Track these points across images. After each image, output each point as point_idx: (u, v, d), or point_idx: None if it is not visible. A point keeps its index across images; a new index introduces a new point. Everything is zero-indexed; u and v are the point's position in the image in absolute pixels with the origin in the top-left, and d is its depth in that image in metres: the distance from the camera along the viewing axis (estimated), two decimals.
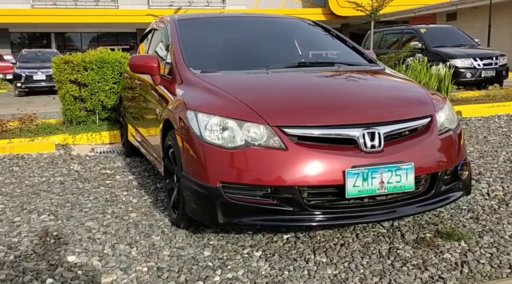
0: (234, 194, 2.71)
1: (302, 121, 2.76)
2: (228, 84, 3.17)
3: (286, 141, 2.68)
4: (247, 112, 2.78)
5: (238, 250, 2.88)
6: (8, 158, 5.63)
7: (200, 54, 3.77)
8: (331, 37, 4.33)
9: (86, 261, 2.76)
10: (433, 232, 3.09)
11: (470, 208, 3.48)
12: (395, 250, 2.84)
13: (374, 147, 2.74)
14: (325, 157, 2.67)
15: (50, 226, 3.34)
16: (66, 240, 3.08)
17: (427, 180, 2.93)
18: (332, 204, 2.74)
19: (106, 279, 2.55)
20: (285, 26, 4.48)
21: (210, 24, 4.35)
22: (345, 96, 3.11)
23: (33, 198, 4.02)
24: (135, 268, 2.67)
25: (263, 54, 3.91)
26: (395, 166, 2.71)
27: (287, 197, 2.67)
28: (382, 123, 2.82)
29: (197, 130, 2.81)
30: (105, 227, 3.30)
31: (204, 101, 3.00)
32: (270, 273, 2.59)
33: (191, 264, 2.71)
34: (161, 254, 2.85)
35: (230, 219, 2.74)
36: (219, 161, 2.73)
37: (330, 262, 2.71)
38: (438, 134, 2.99)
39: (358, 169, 2.65)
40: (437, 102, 3.16)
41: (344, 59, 4.01)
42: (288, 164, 2.66)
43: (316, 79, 3.45)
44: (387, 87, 3.40)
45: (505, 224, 3.17)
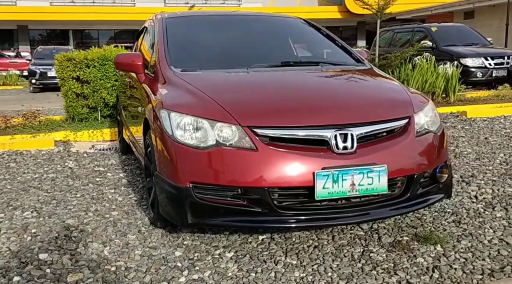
0: (204, 194, 2.69)
1: (273, 122, 2.73)
2: (204, 84, 3.14)
3: (256, 142, 2.65)
4: (219, 112, 2.76)
5: (210, 250, 2.86)
6: (7, 154, 5.70)
7: (185, 53, 3.75)
8: (320, 36, 4.28)
9: (57, 259, 2.77)
10: (411, 235, 3.03)
11: (455, 211, 3.40)
12: (368, 253, 2.79)
13: (346, 149, 2.69)
14: (295, 158, 2.63)
15: (30, 223, 3.36)
16: (42, 238, 3.09)
17: (403, 182, 2.88)
18: (303, 206, 2.70)
19: (72, 278, 2.55)
20: (274, 25, 4.44)
21: (199, 22, 4.33)
22: (320, 96, 3.07)
23: (21, 195, 4.06)
24: (104, 267, 2.67)
25: (248, 53, 3.87)
26: (367, 168, 2.66)
27: (256, 198, 2.64)
28: (355, 124, 2.77)
29: (169, 129, 2.80)
30: (84, 225, 3.30)
31: (178, 101, 2.99)
32: (236, 275, 2.57)
33: (160, 264, 2.70)
34: (132, 253, 2.84)
35: (199, 220, 2.72)
36: (189, 161, 2.71)
37: (300, 265, 2.67)
38: (416, 136, 2.93)
39: (328, 170, 2.60)
40: (418, 103, 3.10)
41: (330, 58, 3.95)
42: (257, 165, 2.63)
43: (295, 79, 3.40)
44: (366, 88, 3.35)
45: (487, 229, 3.09)
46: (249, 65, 3.51)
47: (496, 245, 2.86)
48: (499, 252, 2.77)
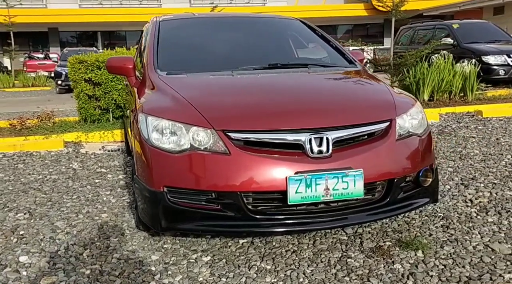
0: (178, 198, 2.68)
1: (247, 126, 2.70)
2: (185, 87, 3.14)
3: (229, 146, 2.62)
4: (195, 116, 2.75)
5: (188, 254, 2.85)
6: (18, 155, 5.83)
7: (174, 56, 3.76)
8: (315, 38, 4.22)
9: (35, 262, 2.81)
10: (394, 240, 2.95)
11: (446, 216, 3.31)
12: (345, 259, 2.74)
13: (321, 153, 2.64)
14: (268, 162, 2.59)
15: (20, 225, 3.42)
16: (28, 240, 3.14)
17: (384, 187, 2.81)
18: (278, 210, 2.66)
19: (46, 281, 2.58)
20: (269, 26, 4.40)
21: (194, 25, 4.32)
22: (298, 99, 3.01)
23: (20, 196, 4.14)
24: (79, 270, 2.69)
25: (238, 55, 3.85)
26: (341, 172, 2.61)
27: (229, 202, 2.62)
28: (331, 128, 2.71)
29: (145, 133, 2.80)
30: (71, 228, 3.34)
31: (156, 104, 2.99)
32: (207, 280, 2.55)
33: (134, 268, 2.70)
34: (110, 256, 2.86)
35: (172, 224, 2.72)
36: (164, 165, 2.71)
37: (274, 270, 2.64)
38: (398, 139, 2.85)
39: (301, 175, 2.56)
40: (402, 106, 3.02)
41: (321, 60, 3.89)
42: (229, 169, 2.60)
43: (277, 82, 3.36)
44: (349, 91, 3.28)
45: (475, 234, 2.99)
46: (236, 67, 3.49)
47: (480, 252, 2.76)
48: (481, 259, 2.68)
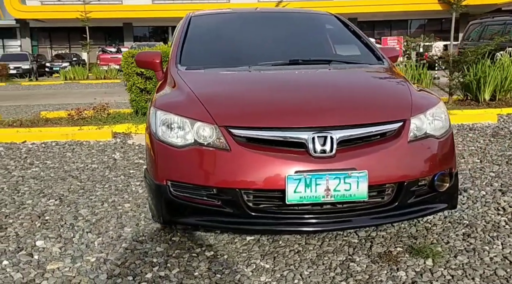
0: (180, 193, 2.70)
1: (249, 122, 2.66)
2: (197, 82, 3.14)
3: (230, 142, 2.60)
4: (201, 111, 2.75)
5: (192, 248, 2.87)
6: (69, 144, 6.12)
7: (197, 51, 3.77)
8: (346, 33, 4.09)
9: (49, 247, 2.94)
10: (406, 246, 2.82)
11: (471, 223, 3.11)
12: (348, 263, 2.64)
13: (325, 152, 2.56)
14: (268, 160, 2.55)
15: (48, 211, 3.59)
16: (49, 225, 3.29)
17: (393, 190, 2.68)
18: (277, 209, 2.61)
19: (51, 265, 2.69)
20: (300, 22, 4.31)
21: (224, 20, 4.32)
22: (307, 97, 2.92)
23: (58, 183, 4.34)
24: (85, 258, 2.78)
25: (261, 50, 3.80)
26: (343, 173, 2.51)
27: (228, 199, 2.60)
28: (337, 127, 2.61)
29: (154, 127, 2.84)
30: (92, 216, 3.46)
31: (168, 99, 3.02)
32: (202, 275, 2.55)
33: (137, 258, 2.76)
34: (119, 246, 2.93)
35: (173, 218, 2.74)
36: (168, 159, 2.74)
37: (271, 269, 2.59)
38: (412, 140, 2.70)
39: (300, 174, 2.49)
40: (420, 106, 2.86)
41: (346, 56, 3.77)
42: (230, 166, 2.59)
43: (291, 78, 3.29)
44: (364, 88, 3.14)
45: (496, 245, 2.79)
46: (256, 63, 3.46)
47: (496, 264, 2.57)
48: (495, 271, 2.49)
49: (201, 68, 3.41)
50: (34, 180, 4.46)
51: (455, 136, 5.81)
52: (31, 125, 7.42)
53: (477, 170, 4.34)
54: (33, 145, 6.11)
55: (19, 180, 4.47)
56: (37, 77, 24.84)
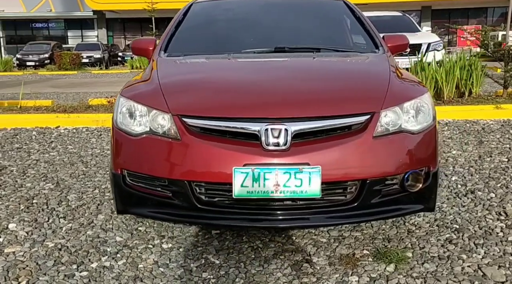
0: (135, 183, 2.63)
1: (201, 112, 2.53)
2: (167, 70, 3.05)
3: (182, 132, 2.48)
4: (158, 99, 2.64)
5: (152, 239, 2.78)
6: (98, 130, 6.27)
7: (187, 38, 3.67)
8: (350, 20, 3.81)
9: (18, 230, 2.97)
10: (374, 249, 2.59)
11: (461, 228, 2.81)
12: (303, 263, 2.46)
13: (278, 145, 2.38)
14: (217, 152, 2.40)
15: (40, 194, 3.65)
16: (32, 209, 3.34)
17: (357, 188, 2.45)
18: (226, 203, 2.47)
19: (9, 249, 2.71)
20: (305, 8, 4.08)
21: (225, 7, 4.18)
22: (269, 87, 2.73)
23: (64, 168, 4.42)
24: (45, 243, 2.78)
25: (250, 37, 3.63)
26: (294, 168, 2.32)
27: (178, 191, 2.49)
28: (293, 119, 2.42)
29: (115, 114, 2.78)
30: (76, 201, 3.48)
31: (134, 86, 2.95)
32: (145, 267, 2.46)
33: (92, 246, 2.72)
34: (82, 233, 2.91)
35: (127, 208, 2.67)
36: (123, 147, 2.67)
37: (218, 266, 2.46)
38: (379, 135, 2.45)
39: (248, 167, 2.34)
40: (396, 98, 2.59)
41: (339, 44, 3.51)
42: (179, 156, 2.48)
43: (264, 67, 3.12)
44: (336, 80, 2.88)
45: (477, 253, 2.49)
46: (240, 50, 3.32)
47: (465, 275, 2.29)
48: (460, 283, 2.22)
49: (181, 55, 3.32)
50: (45, 164, 4.58)
51: (497, 132, 5.35)
52: (72, 111, 7.69)
53: (498, 170, 3.94)
54: (64, 130, 6.31)
55: (31, 163, 4.61)
56: (107, 66, 25.89)
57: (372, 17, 10.90)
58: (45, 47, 27.35)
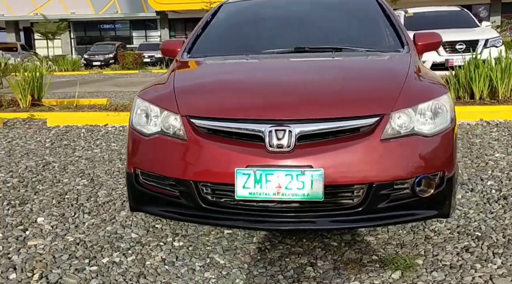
0: (146, 181, 2.69)
1: (208, 113, 2.55)
2: (184, 71, 3.11)
3: (189, 133, 2.51)
4: (170, 100, 2.69)
5: (165, 237, 2.84)
6: None
7: (213, 39, 3.71)
8: (378, 18, 3.69)
9: (44, 224, 3.12)
10: (384, 255, 2.51)
11: (482, 236, 2.69)
12: (306, 267, 2.43)
13: (281, 147, 2.36)
14: (220, 152, 2.41)
15: (72, 190, 3.81)
16: (62, 204, 3.50)
17: (364, 192, 2.39)
18: (230, 204, 2.48)
19: (32, 242, 2.85)
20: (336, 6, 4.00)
21: (253, 7, 4.18)
22: (276, 89, 2.70)
23: (103, 165, 4.59)
24: (66, 237, 2.90)
25: (273, 37, 3.62)
26: (296, 170, 2.29)
27: (184, 191, 2.53)
28: (297, 120, 2.38)
29: (131, 114, 2.86)
30: (104, 197, 3.61)
31: (151, 88, 3.01)
32: (152, 264, 2.51)
33: (108, 242, 2.81)
34: (102, 229, 3.01)
35: (139, 206, 2.74)
36: (136, 147, 2.73)
37: (222, 266, 2.48)
38: (387, 138, 2.37)
39: (250, 169, 2.33)
40: (410, 99, 2.49)
41: (362, 43, 3.40)
42: (185, 157, 2.51)
43: (278, 67, 3.10)
44: (348, 80, 2.79)
45: (493, 263, 2.37)
46: (260, 50, 3.33)
47: None
48: None
49: (202, 57, 3.37)
50: (85, 161, 4.77)
51: None
52: (123, 109, 7.96)
53: None
54: (112, 128, 6.55)
55: (73, 160, 4.82)
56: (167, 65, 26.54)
57: (428, 12, 10.56)
58: (110, 47, 28.50)
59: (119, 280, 2.37)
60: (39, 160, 4.83)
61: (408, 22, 10.20)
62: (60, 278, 2.40)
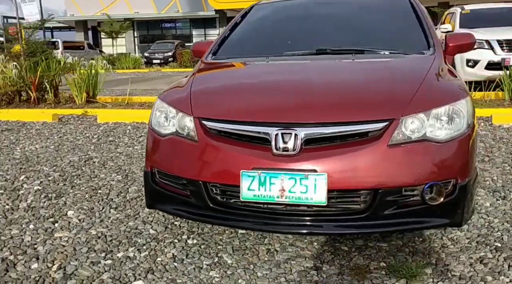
0: (161, 180, 2.78)
1: (218, 115, 2.59)
2: (203, 73, 3.17)
3: (200, 134, 2.57)
4: (186, 102, 2.76)
5: (182, 234, 2.92)
6: None
7: (239, 40, 3.76)
8: (408, 18, 3.59)
9: (73, 217, 3.29)
10: (393, 262, 2.47)
11: (503, 247, 2.60)
12: (311, 271, 2.43)
13: (287, 150, 2.37)
14: (228, 154, 2.46)
15: (106, 185, 3.98)
16: (94, 198, 3.67)
17: (369, 197, 2.36)
18: (236, 205, 2.52)
19: (58, 234, 3.02)
20: (366, 6, 3.93)
21: (282, 8, 4.19)
22: (287, 92, 2.70)
23: (140, 161, 4.74)
24: (89, 231, 3.05)
25: (297, 39, 3.60)
26: (300, 174, 2.30)
27: (194, 190, 2.59)
28: (304, 124, 2.39)
29: (151, 116, 2.96)
30: (134, 193, 3.75)
31: (171, 89, 3.10)
32: (163, 261, 2.59)
33: (127, 237, 2.92)
34: (124, 224, 3.14)
35: (155, 204, 2.83)
36: (153, 146, 2.83)
37: (228, 265, 2.52)
38: (395, 144, 2.33)
39: (255, 171, 2.36)
40: (423, 103, 2.43)
41: (386, 45, 3.31)
42: (195, 157, 2.57)
43: (294, 70, 3.08)
44: (361, 84, 2.73)
45: (507, 276, 2.29)
46: (281, 52, 3.35)
47: None
48: None
49: (225, 58, 3.42)
50: (124, 157, 4.96)
51: None
52: None
53: None
54: None
55: (114, 156, 5.02)
56: None
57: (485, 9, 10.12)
58: (170, 46, 29.20)
59: (128, 275, 2.47)
60: (83, 155, 5.07)
61: (464, 19, 9.83)
62: (76, 270, 2.53)
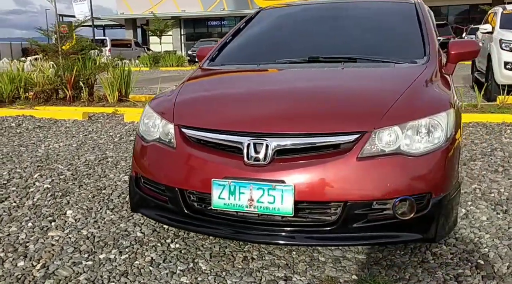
0: (145, 185, 2.83)
1: (196, 123, 2.62)
2: (192, 80, 3.23)
3: (178, 141, 2.62)
4: (169, 109, 2.81)
5: (166, 238, 2.97)
6: None
7: (237, 48, 3.78)
8: (410, 26, 3.48)
9: (71, 217, 3.40)
10: (364, 274, 2.43)
11: (485, 264, 2.51)
12: (280, 281, 2.42)
13: (258, 160, 2.38)
14: (201, 162, 2.49)
15: (111, 185, 4.09)
16: (96, 199, 3.78)
17: (339, 210, 2.33)
18: (209, 212, 2.54)
19: (52, 233, 3.13)
20: (371, 12, 3.85)
21: (287, 14, 4.16)
22: (262, 102, 2.71)
23: None
24: (81, 231, 3.15)
25: (292, 46, 3.58)
26: (268, 184, 2.30)
27: (171, 197, 2.64)
28: (275, 134, 2.39)
29: (140, 121, 3.02)
30: None
31: (161, 95, 3.15)
32: (140, 264, 2.64)
33: (114, 238, 3.00)
34: (116, 225, 3.21)
35: (138, 208, 2.89)
36: (138, 152, 2.89)
37: (201, 272, 2.55)
38: (365, 157, 2.29)
39: (225, 180, 2.38)
40: (399, 116, 2.38)
41: (378, 53, 3.23)
42: (172, 164, 2.62)
43: (277, 80, 3.10)
44: (337, 95, 2.70)
45: None
46: (274, 60, 3.35)
47: None
48: None
49: (219, 65, 3.45)
50: None
51: None
52: None
53: None
54: None
55: (128, 156, 5.14)
56: None
57: None
58: (213, 44, 29.44)
59: (104, 277, 2.53)
60: (100, 155, 5.22)
61: (505, 19, 9.44)
62: (57, 269, 2.62)
